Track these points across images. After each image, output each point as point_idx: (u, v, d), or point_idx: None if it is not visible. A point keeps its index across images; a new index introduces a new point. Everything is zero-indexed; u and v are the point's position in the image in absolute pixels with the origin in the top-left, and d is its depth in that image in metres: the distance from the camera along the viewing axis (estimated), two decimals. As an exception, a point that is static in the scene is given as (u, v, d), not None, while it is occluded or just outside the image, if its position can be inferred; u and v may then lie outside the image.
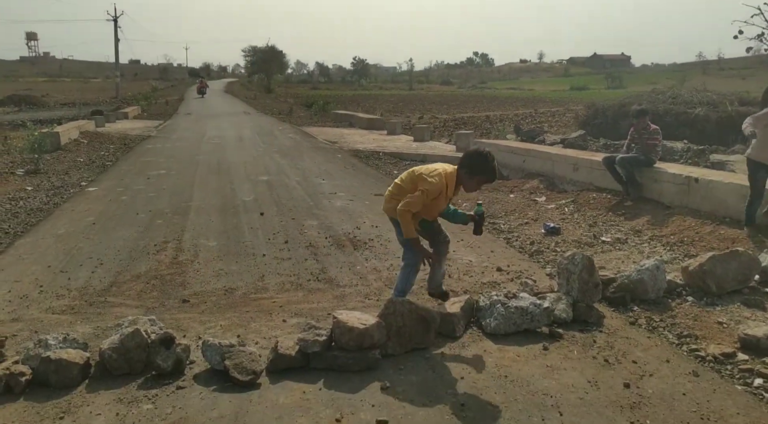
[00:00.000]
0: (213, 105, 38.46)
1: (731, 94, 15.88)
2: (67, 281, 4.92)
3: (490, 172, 3.70)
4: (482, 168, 3.69)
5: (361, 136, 18.11)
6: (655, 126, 7.44)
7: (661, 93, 17.72)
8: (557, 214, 7.31)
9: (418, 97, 52.62)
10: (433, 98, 49.49)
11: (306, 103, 35.98)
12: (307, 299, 4.59)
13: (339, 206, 7.97)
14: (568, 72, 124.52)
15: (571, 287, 4.15)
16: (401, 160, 12.94)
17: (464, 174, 3.76)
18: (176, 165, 11.78)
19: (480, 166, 3.69)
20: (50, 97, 40.61)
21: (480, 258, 5.62)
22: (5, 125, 20.55)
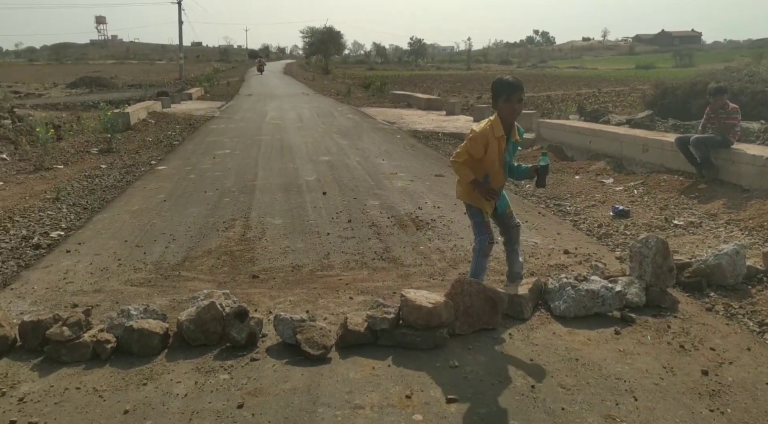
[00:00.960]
0: (272, 86, 39.03)
1: (814, 71, 14.92)
2: (143, 255, 5.13)
3: (506, 84, 3.64)
4: (499, 88, 3.67)
5: (420, 116, 18.01)
6: (734, 105, 7.08)
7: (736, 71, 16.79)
8: (626, 196, 7.09)
9: (476, 76, 51.77)
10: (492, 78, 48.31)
11: (363, 84, 35.99)
12: (372, 277, 4.64)
13: (400, 187, 7.98)
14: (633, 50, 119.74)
15: (644, 271, 4.03)
16: (461, 140, 12.73)
17: (498, 107, 3.71)
18: (240, 145, 12.04)
19: (497, 88, 3.69)
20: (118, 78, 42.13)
21: (546, 240, 5.52)
22: (78, 106, 21.49)
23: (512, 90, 3.61)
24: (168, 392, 2.94)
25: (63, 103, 22.43)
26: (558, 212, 6.66)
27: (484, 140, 3.68)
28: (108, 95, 25.50)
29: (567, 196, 7.39)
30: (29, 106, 19.66)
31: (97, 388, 2.97)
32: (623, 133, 9.15)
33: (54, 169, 9.10)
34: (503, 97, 3.63)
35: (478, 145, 3.70)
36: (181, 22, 48.20)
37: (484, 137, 3.68)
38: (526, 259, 5.01)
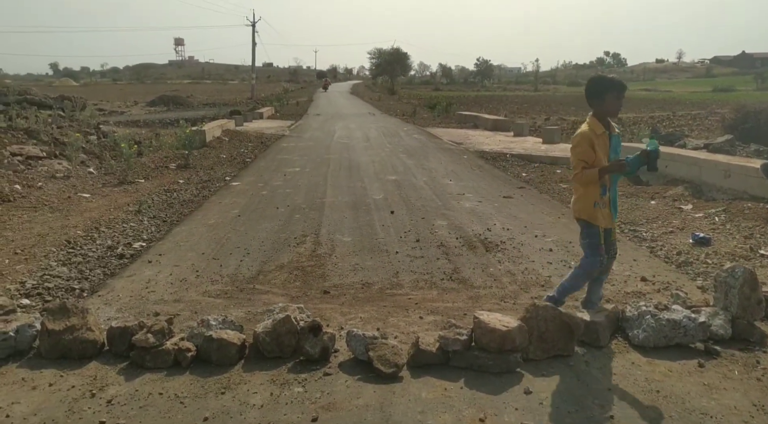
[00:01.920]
0: (340, 106, 39.81)
1: None
2: (219, 268, 5.31)
3: (614, 81, 3.71)
4: (606, 84, 3.72)
5: (487, 137, 17.91)
6: (827, 130, 6.68)
7: (826, 94, 15.91)
8: (706, 223, 6.79)
9: (544, 98, 51.12)
10: (560, 99, 47.83)
11: (429, 104, 36.15)
12: (441, 297, 4.62)
13: (468, 208, 7.94)
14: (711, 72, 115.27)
15: (730, 302, 3.84)
16: (529, 162, 12.64)
17: (595, 105, 3.73)
18: (309, 163, 12.32)
19: (602, 85, 3.72)
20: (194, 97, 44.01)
21: (621, 267, 5.34)
22: (156, 123, 22.58)
23: (621, 88, 3.69)
24: (245, 402, 3.01)
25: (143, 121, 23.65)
26: (633, 237, 6.45)
27: (589, 140, 3.65)
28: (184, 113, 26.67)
29: (643, 221, 7.14)
30: (113, 123, 20.80)
31: (178, 394, 3.09)
32: (703, 158, 8.80)
33: (136, 183, 9.58)
34: (613, 93, 3.66)
35: (586, 146, 3.65)
36: (254, 44, 50.06)
37: (587, 137, 3.66)
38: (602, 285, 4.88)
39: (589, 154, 3.65)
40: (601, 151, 3.67)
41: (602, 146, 3.69)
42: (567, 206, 8.14)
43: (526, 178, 10.66)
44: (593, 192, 3.74)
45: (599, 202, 3.75)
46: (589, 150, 3.64)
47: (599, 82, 3.73)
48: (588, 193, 3.77)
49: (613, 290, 4.73)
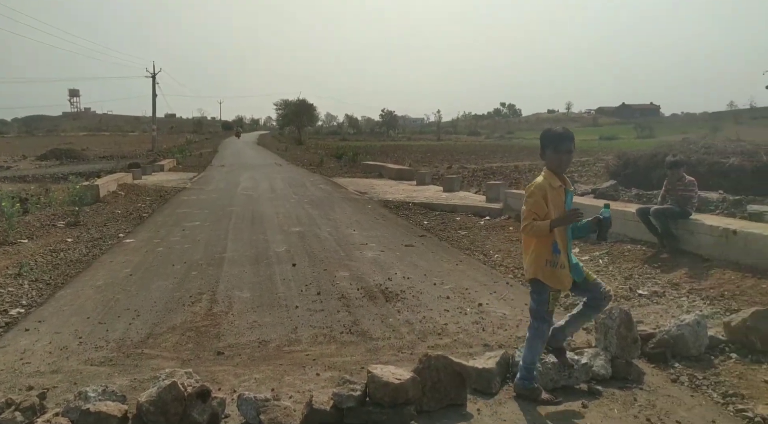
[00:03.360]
0: (246, 156, 39.41)
1: (766, 144, 15.69)
2: (105, 333, 5.00)
3: (554, 135, 3.56)
4: (547, 138, 3.58)
5: (391, 186, 18.29)
6: (691, 177, 7.38)
7: (693, 143, 17.58)
8: (591, 266, 7.21)
9: (446, 147, 53.14)
10: (461, 148, 49.92)
11: (336, 154, 36.58)
12: (340, 352, 4.58)
13: (370, 257, 8.01)
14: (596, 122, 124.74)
15: (609, 343, 4.07)
16: (431, 210, 12.99)
17: (546, 157, 3.60)
18: (210, 216, 12.02)
19: (545, 139, 3.59)
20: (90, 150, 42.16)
21: (514, 311, 5.55)
22: (47, 178, 21.34)
23: (560, 140, 3.53)
24: (123, 480, 2.80)
25: (32, 176, 22.30)
26: (526, 281, 6.71)
27: (543, 192, 3.50)
28: (78, 167, 25.44)
29: (534, 266, 7.47)
30: (-4, 178, 19.43)
31: (47, 477, 2.83)
32: (586, 204, 9.40)
33: (18, 244, 8.93)
34: (551, 147, 3.55)
35: (539, 199, 3.50)
36: (154, 95, 48.97)
37: (542, 189, 3.51)
38: (494, 330, 5.03)
39: (541, 207, 3.49)
40: (554, 205, 3.51)
41: (557, 201, 3.53)
42: (465, 253, 8.43)
43: (427, 226, 10.92)
44: (544, 250, 3.55)
45: (552, 260, 3.54)
46: (541, 202, 3.49)
47: (544, 137, 3.62)
48: (539, 252, 3.57)
49: (506, 335, 4.89)
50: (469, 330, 5.05)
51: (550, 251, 3.54)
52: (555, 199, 3.51)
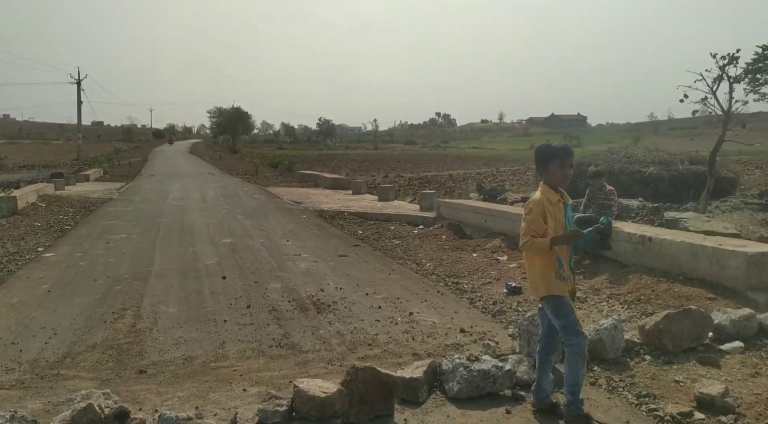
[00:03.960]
0: (177, 166, 38.38)
1: (682, 153, 16.61)
2: (18, 354, 4.74)
3: (559, 149, 3.49)
4: (551, 153, 3.50)
5: (327, 196, 18.24)
6: (611, 187, 7.71)
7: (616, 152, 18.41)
8: (519, 273, 7.41)
9: (383, 156, 53.50)
10: (398, 157, 50.39)
11: (272, 163, 36.22)
12: (268, 366, 4.52)
13: (303, 268, 7.95)
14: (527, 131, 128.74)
15: (532, 348, 4.18)
16: (366, 219, 13.03)
17: (544, 173, 3.53)
18: (138, 228, 11.62)
19: (547, 154, 3.51)
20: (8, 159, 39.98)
21: (444, 319, 5.63)
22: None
23: (566, 155, 3.47)
24: None
25: (-58, 186, 20.86)
26: (456, 289, 6.84)
27: (541, 209, 3.43)
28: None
29: (465, 273, 7.63)
30: None
31: None
32: (515, 212, 9.68)
33: (-77, 259, 8.34)
34: (557, 162, 3.45)
35: (537, 216, 3.42)
36: (80, 102, 46.97)
37: (540, 205, 3.44)
38: (424, 339, 5.09)
39: (539, 224, 3.41)
40: (554, 220, 3.43)
41: (557, 216, 3.45)
42: (398, 262, 8.50)
43: (362, 236, 10.95)
44: (551, 266, 3.45)
45: (561, 274, 3.46)
46: (539, 220, 3.42)
47: (542, 151, 3.54)
48: (546, 268, 3.46)
49: (435, 344, 4.95)
50: (399, 340, 5.08)
51: (556, 266, 3.44)
52: (555, 215, 3.44)
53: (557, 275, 3.43)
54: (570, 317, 3.43)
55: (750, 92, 30.32)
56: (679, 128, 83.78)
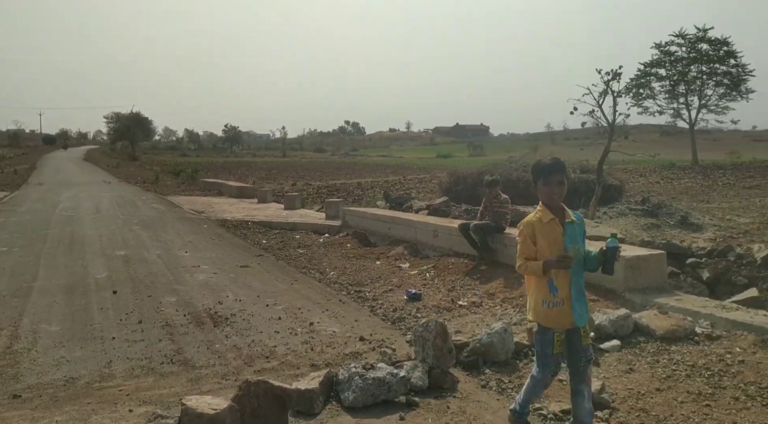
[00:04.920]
0: (69, 173, 36.14)
1: (574, 162, 17.63)
2: None
3: (542, 167, 3.30)
4: (536, 171, 3.34)
5: (231, 205, 17.79)
6: (505, 196, 8.04)
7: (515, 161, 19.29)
8: (419, 279, 7.56)
9: (292, 164, 53.01)
10: (306, 165, 50.09)
11: (174, 171, 34.91)
12: (158, 384, 4.32)
13: (201, 280, 7.70)
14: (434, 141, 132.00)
15: (427, 354, 4.27)
16: (271, 229, 12.83)
17: (538, 191, 3.35)
18: (21, 241, 10.81)
19: (534, 172, 3.36)
20: None
21: (344, 328, 5.63)
22: None
23: (549, 172, 3.27)
24: None
25: None
26: (358, 298, 6.87)
27: (530, 230, 3.28)
28: None
29: (368, 281, 7.68)
30: None
31: None
32: (417, 220, 9.88)
33: None
34: (541, 180, 3.30)
35: (525, 238, 3.29)
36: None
37: (529, 226, 3.30)
38: (323, 349, 5.06)
39: (527, 247, 3.28)
40: (547, 241, 3.24)
41: (550, 236, 3.25)
42: (301, 271, 8.42)
43: (265, 246, 10.76)
44: (541, 289, 3.29)
45: (549, 300, 3.26)
46: (527, 242, 3.28)
47: (532, 170, 3.39)
48: (537, 292, 3.32)
49: (334, 353, 4.94)
50: (297, 351, 5.02)
51: (546, 291, 3.26)
52: (547, 235, 3.25)
53: (545, 302, 3.26)
54: (545, 350, 3.31)
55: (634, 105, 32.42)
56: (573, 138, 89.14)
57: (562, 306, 3.23)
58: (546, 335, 3.29)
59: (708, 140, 63.56)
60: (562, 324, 3.25)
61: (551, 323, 3.26)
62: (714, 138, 72.24)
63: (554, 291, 3.24)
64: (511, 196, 13.89)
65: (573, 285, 3.25)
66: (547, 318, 3.26)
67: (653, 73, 36.00)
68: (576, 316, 3.24)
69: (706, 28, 33.61)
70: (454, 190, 17.25)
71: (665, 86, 36.13)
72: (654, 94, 36.72)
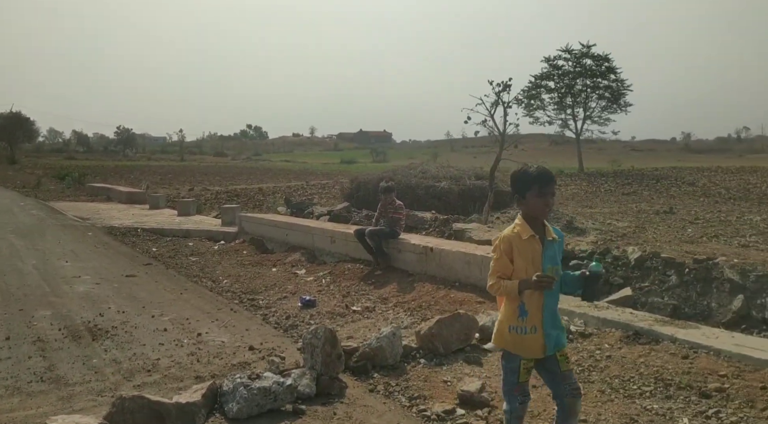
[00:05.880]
0: (-64, 177, 32.85)
1: (469, 169, 18.26)
2: None
3: (538, 175, 2.89)
4: (529, 178, 2.91)
5: (120, 211, 16.89)
6: (400, 202, 8.19)
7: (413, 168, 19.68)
8: (315, 286, 7.52)
9: (190, 168, 51.13)
10: (205, 170, 48.50)
11: (58, 175, 32.63)
12: (24, 404, 4.00)
13: (81, 292, 7.23)
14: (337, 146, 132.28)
15: (316, 361, 4.25)
16: (162, 236, 12.29)
17: (521, 202, 2.96)
18: None
19: (524, 180, 2.92)
20: None
21: (233, 338, 5.49)
22: None
23: (546, 180, 2.88)
24: None
25: None
26: (251, 306, 6.73)
27: (507, 245, 2.91)
28: None
29: (262, 289, 7.54)
30: None
31: None
32: (314, 226, 9.84)
33: None
34: (535, 189, 2.87)
35: (501, 255, 2.92)
36: None
37: (506, 242, 2.92)
38: (210, 360, 4.90)
39: (503, 265, 2.91)
40: (525, 259, 2.89)
41: (528, 254, 2.89)
42: (192, 280, 8.14)
43: (155, 254, 10.29)
44: (509, 313, 2.96)
45: (517, 325, 2.93)
46: (503, 259, 2.92)
47: (518, 178, 2.96)
48: (504, 316, 3.00)
49: (221, 364, 4.80)
50: (182, 363, 4.84)
51: (515, 315, 2.93)
52: (525, 253, 2.89)
53: (512, 327, 2.94)
54: (509, 378, 3.00)
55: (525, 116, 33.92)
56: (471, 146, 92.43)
57: (533, 334, 2.91)
58: (511, 361, 2.98)
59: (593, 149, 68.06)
60: (531, 352, 2.93)
61: (519, 350, 2.94)
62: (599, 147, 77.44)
63: (523, 315, 2.91)
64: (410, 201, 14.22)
65: (546, 309, 2.92)
66: (515, 345, 2.95)
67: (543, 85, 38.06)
68: (548, 342, 2.91)
69: (589, 45, 36.00)
70: (355, 196, 17.33)
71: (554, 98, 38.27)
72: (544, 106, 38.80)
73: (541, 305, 2.91)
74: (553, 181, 2.91)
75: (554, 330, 2.94)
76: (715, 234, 10.44)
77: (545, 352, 2.92)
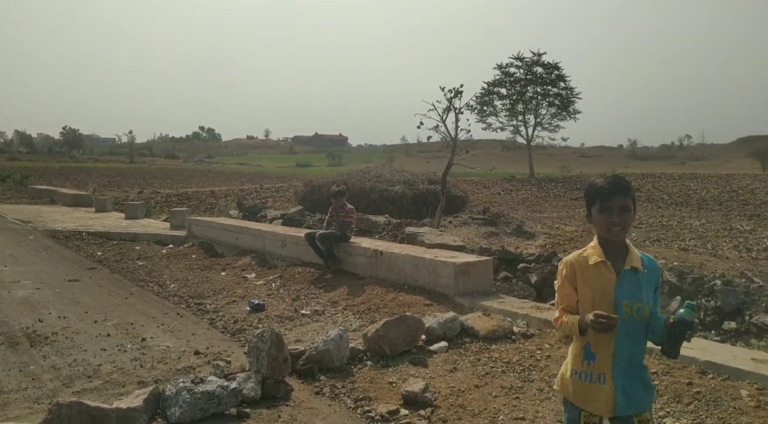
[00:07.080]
0: None
1: (422, 173, 18.44)
2: None
3: (598, 189, 2.35)
4: (590, 194, 2.40)
5: (64, 214, 16.37)
6: (351, 206, 8.23)
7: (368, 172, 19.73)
8: (265, 290, 7.48)
9: (140, 170, 49.96)
10: (156, 172, 47.43)
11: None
12: (-47, 415, 3.86)
13: (20, 297, 7.00)
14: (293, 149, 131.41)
15: (261, 365, 4.24)
16: (108, 240, 11.98)
17: (591, 218, 2.42)
18: None
19: (588, 196, 2.42)
20: None
21: (179, 342, 5.41)
22: None
23: (607, 194, 2.32)
24: None
25: None
26: (198, 310, 6.64)
27: (570, 271, 2.40)
28: None
29: (210, 293, 7.45)
30: None
31: None
32: (265, 230, 9.78)
33: None
34: (596, 205, 2.36)
35: (563, 282, 2.43)
36: None
37: (569, 267, 2.41)
38: (154, 365, 4.83)
39: (566, 295, 2.41)
40: (591, 289, 2.35)
41: (596, 283, 2.34)
42: (139, 285, 7.97)
43: (100, 258, 10.03)
44: (574, 353, 2.43)
45: (581, 370, 2.37)
46: (566, 287, 2.41)
47: (585, 193, 2.46)
48: (570, 354, 2.46)
49: (165, 369, 4.73)
50: (125, 368, 4.74)
51: (580, 357, 2.38)
52: (592, 282, 2.35)
53: (575, 371, 2.39)
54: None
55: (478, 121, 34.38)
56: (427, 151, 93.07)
57: (600, 383, 2.32)
58: (571, 412, 2.43)
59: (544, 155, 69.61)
60: (596, 406, 2.33)
61: (580, 401, 2.37)
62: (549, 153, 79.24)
63: (589, 358, 2.35)
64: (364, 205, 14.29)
65: (619, 357, 2.31)
66: (576, 394, 2.38)
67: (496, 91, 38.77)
68: (621, 400, 2.29)
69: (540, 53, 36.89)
70: (309, 200, 17.25)
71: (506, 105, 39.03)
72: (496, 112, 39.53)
73: (611, 350, 2.31)
74: (616, 193, 2.31)
75: (631, 384, 2.32)
76: (657, 238, 10.89)
77: (616, 411, 2.30)
